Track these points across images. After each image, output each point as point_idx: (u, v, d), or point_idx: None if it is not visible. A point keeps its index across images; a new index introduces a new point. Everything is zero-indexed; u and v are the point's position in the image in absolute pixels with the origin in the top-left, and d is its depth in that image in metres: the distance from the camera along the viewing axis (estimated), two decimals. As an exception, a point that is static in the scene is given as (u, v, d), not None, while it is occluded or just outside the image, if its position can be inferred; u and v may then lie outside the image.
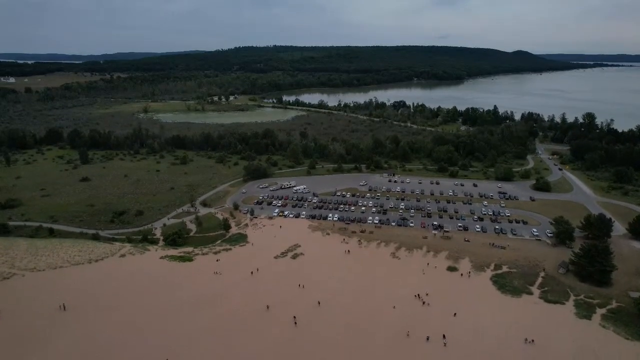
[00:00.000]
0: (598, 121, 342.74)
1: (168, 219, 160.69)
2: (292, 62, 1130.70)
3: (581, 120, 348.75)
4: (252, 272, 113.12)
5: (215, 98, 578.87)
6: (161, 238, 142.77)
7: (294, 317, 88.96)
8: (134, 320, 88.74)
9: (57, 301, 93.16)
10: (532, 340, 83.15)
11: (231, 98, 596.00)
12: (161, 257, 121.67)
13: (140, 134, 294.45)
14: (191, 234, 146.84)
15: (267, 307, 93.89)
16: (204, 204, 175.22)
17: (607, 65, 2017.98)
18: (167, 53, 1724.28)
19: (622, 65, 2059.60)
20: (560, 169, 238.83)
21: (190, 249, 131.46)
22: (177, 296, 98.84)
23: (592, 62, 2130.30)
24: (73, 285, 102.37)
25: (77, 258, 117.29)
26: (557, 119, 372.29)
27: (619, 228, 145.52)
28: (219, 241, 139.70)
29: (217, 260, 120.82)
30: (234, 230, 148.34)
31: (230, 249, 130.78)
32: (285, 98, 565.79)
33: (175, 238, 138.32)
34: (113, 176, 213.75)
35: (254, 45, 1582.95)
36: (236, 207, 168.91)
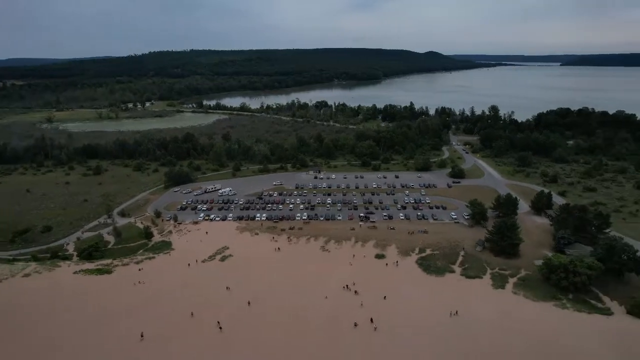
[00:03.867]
0: (501, 113, 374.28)
1: (82, 232, 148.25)
2: (212, 65, 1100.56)
3: (487, 113, 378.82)
4: (189, 264, 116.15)
5: (130, 105, 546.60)
6: (75, 253, 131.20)
7: (218, 322, 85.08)
8: (44, 338, 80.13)
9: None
10: (457, 312, 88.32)
11: (147, 104, 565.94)
12: (75, 272, 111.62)
13: (44, 145, 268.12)
14: (109, 246, 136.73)
15: (192, 313, 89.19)
16: (123, 214, 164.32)
17: (506, 64, 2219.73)
18: (73, 59, 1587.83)
19: (519, 64, 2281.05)
20: (466, 152, 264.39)
21: (108, 261, 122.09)
22: (92, 310, 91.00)
23: (494, 62, 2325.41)
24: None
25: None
26: (467, 112, 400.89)
27: (524, 206, 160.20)
28: (140, 250, 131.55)
29: (139, 270, 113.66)
30: (157, 238, 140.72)
31: (153, 257, 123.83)
32: (205, 102, 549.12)
33: (91, 251, 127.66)
34: (12, 192, 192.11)
35: (170, 50, 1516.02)
36: (158, 214, 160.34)
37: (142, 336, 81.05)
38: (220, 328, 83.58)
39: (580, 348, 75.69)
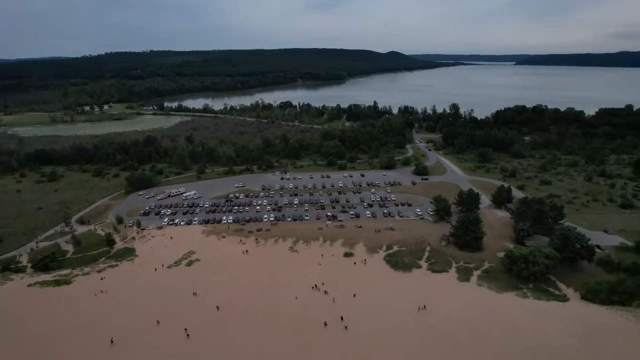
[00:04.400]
0: (462, 111, 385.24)
1: (37, 243, 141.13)
2: (172, 67, 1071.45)
3: (448, 111, 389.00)
4: (156, 269, 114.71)
5: (87, 108, 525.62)
6: (29, 265, 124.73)
7: (185, 329, 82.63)
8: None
9: None
10: (424, 307, 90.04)
11: (105, 107, 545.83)
12: (29, 285, 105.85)
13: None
14: (68, 256, 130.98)
15: (158, 321, 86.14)
16: (82, 222, 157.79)
17: (464, 64, 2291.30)
18: (20, 59, 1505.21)
19: (476, 64, 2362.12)
20: (429, 150, 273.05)
21: (67, 271, 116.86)
22: (51, 323, 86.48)
23: (452, 61, 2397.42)
24: None
25: None
26: (429, 111, 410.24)
27: (485, 200, 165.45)
28: (102, 259, 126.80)
29: (101, 279, 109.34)
30: (119, 245, 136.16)
31: (116, 265, 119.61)
32: (167, 104, 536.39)
33: (47, 262, 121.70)
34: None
35: (128, 50, 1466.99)
36: (120, 220, 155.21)
37: (112, 342, 78.93)
38: (188, 335, 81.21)
39: (541, 334, 78.85)
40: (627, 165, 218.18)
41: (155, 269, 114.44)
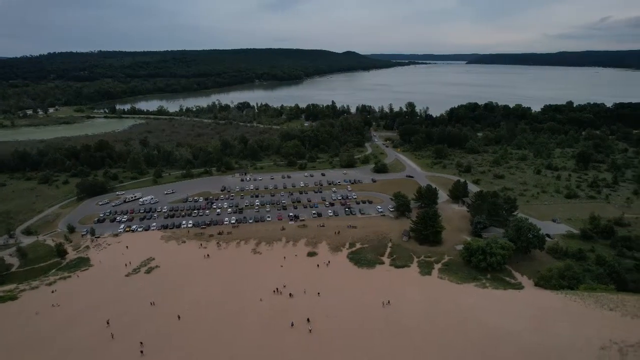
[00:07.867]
0: (418, 109, 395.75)
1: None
2: (123, 68, 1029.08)
3: (405, 109, 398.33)
4: (126, 264, 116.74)
5: (29, 111, 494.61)
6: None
7: (141, 342, 78.87)
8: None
9: None
10: (389, 302, 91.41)
11: (51, 110, 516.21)
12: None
13: None
14: (12, 270, 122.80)
15: (112, 335, 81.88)
16: (29, 232, 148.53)
17: (418, 63, 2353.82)
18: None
19: (430, 63, 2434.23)
20: (386, 147, 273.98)
21: (12, 286, 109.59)
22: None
23: (407, 61, 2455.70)
24: None
25: None
26: (386, 109, 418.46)
27: (443, 195, 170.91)
28: (53, 270, 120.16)
29: (52, 292, 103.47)
30: (72, 255, 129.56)
31: (69, 277, 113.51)
32: (119, 107, 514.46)
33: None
34: None
35: (75, 51, 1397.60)
36: (72, 229, 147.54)
37: (107, 323, 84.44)
38: (142, 352, 76.97)
39: (499, 321, 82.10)
40: (570, 158, 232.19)
41: (126, 265, 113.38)
